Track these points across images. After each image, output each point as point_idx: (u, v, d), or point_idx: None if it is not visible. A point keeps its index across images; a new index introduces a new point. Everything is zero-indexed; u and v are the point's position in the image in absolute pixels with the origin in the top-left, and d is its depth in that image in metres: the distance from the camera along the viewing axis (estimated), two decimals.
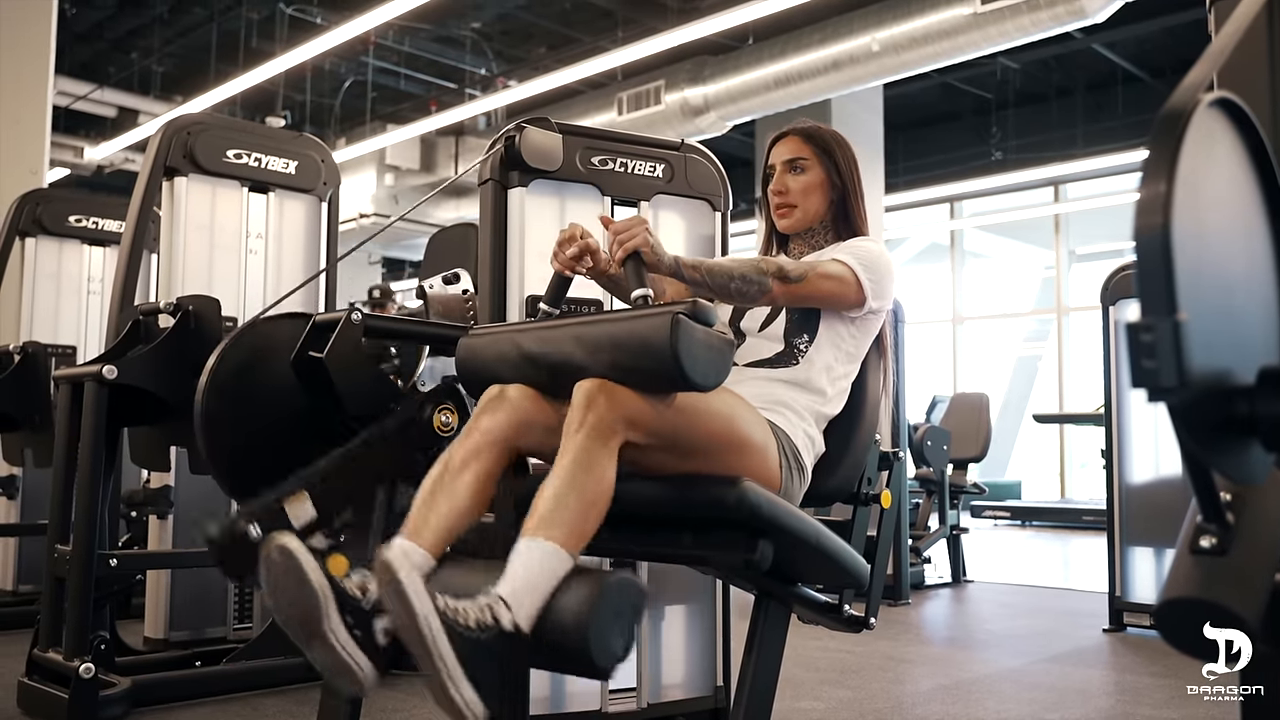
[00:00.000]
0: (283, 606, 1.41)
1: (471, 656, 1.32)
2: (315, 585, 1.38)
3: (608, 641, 1.36)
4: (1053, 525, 9.77)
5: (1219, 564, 0.98)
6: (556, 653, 1.40)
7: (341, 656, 1.39)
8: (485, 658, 1.33)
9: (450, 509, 1.57)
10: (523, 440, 1.64)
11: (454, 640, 1.32)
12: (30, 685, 2.65)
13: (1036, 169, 11.02)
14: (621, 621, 1.38)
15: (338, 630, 1.38)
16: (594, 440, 1.48)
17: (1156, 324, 0.81)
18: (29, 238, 4.27)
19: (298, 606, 1.39)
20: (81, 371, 2.68)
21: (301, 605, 1.38)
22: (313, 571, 1.39)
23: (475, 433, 1.62)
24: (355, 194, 11.31)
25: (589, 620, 1.35)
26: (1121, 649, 3.73)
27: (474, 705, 1.32)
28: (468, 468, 1.60)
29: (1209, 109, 0.92)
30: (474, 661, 1.32)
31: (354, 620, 1.40)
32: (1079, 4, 6.44)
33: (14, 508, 4.28)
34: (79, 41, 10.11)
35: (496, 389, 1.66)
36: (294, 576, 1.39)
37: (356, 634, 1.40)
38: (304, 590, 1.38)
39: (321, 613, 1.38)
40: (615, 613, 1.37)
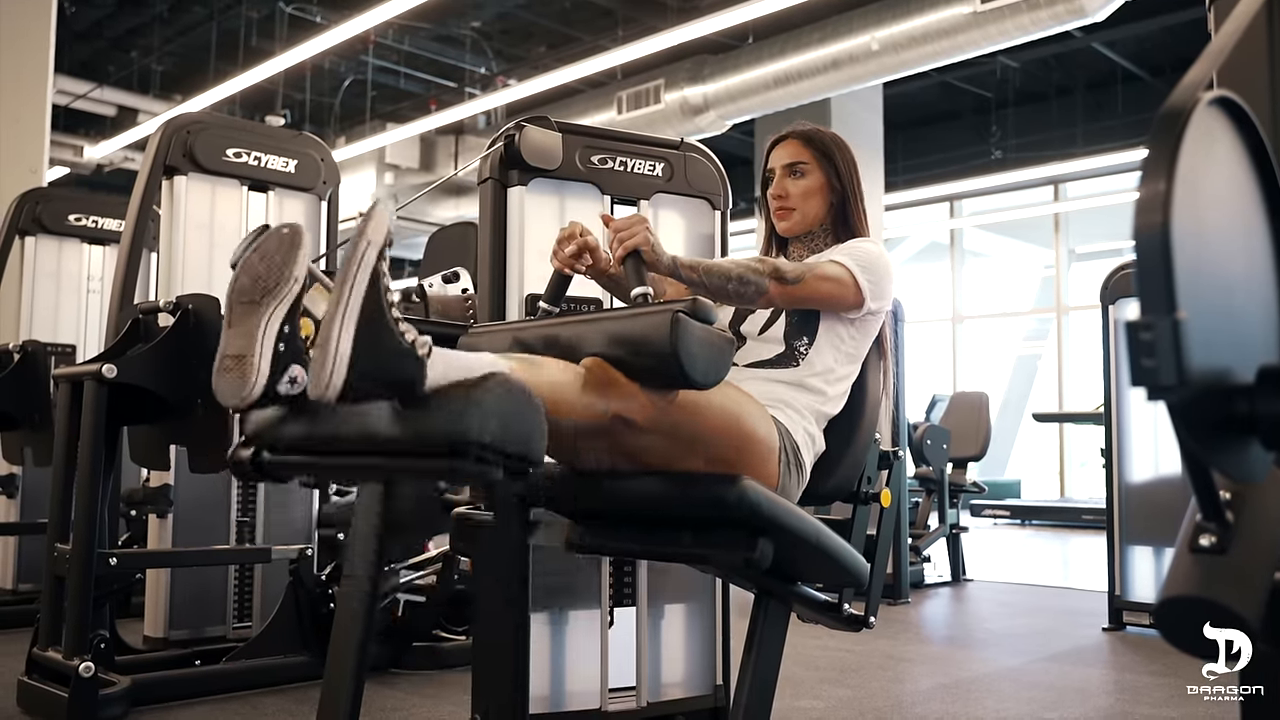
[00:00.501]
0: (250, 268, 1.35)
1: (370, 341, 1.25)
2: (296, 271, 1.33)
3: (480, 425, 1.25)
4: (1052, 524, 9.78)
5: (1218, 562, 0.98)
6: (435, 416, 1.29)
7: (255, 344, 1.31)
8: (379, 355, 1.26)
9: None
10: None
11: (370, 303, 1.25)
12: (30, 684, 2.65)
13: (1036, 168, 11.03)
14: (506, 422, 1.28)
15: (272, 323, 1.32)
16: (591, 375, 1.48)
17: (1156, 322, 0.81)
18: (29, 236, 4.27)
19: (264, 275, 1.33)
20: (81, 370, 2.68)
21: (268, 276, 1.33)
22: (303, 263, 1.34)
23: None
24: (355, 193, 11.30)
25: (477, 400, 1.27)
26: (1121, 648, 3.74)
27: (342, 358, 1.22)
28: None
29: (1208, 108, 0.92)
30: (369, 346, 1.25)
31: (287, 337, 1.33)
32: (1078, 3, 6.45)
33: (14, 506, 4.28)
34: (78, 40, 10.10)
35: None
36: (286, 250, 1.34)
37: (280, 346, 1.32)
38: (282, 267, 1.33)
39: (276, 296, 1.32)
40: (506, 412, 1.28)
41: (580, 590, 2.37)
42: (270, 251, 1.35)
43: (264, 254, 1.35)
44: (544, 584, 2.30)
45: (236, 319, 1.33)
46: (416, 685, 2.98)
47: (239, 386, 1.30)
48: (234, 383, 1.31)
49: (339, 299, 1.24)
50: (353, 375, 1.24)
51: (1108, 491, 4.16)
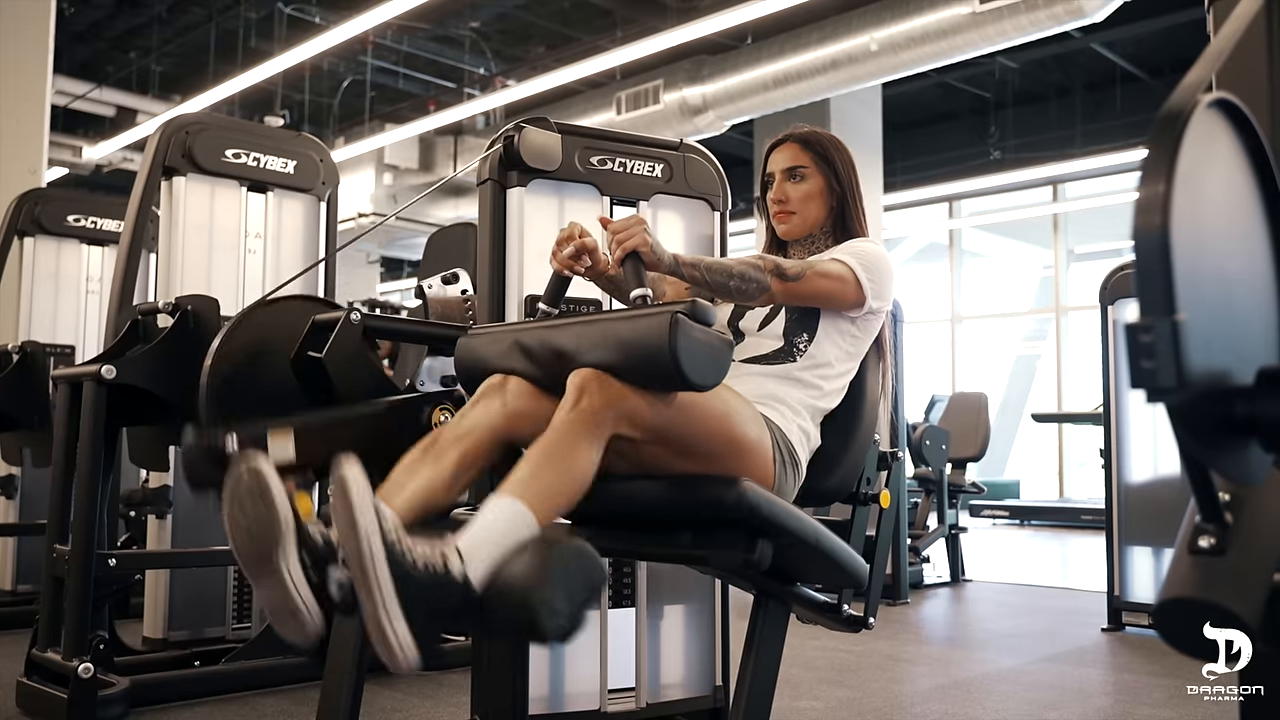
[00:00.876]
0: (240, 528, 1.35)
1: (416, 597, 1.26)
2: (279, 511, 1.32)
3: (555, 608, 1.29)
4: (1051, 524, 9.78)
5: (1217, 564, 0.98)
6: (503, 612, 1.34)
7: (291, 594, 1.32)
8: (430, 603, 1.27)
9: (429, 479, 1.53)
10: (516, 431, 1.62)
11: (397, 574, 1.26)
12: (29, 685, 2.65)
13: (1035, 168, 11.03)
14: (573, 589, 1.32)
15: (292, 566, 1.32)
16: (581, 424, 1.47)
17: (1155, 324, 0.81)
18: (27, 237, 4.27)
19: (256, 531, 1.33)
20: (80, 371, 2.68)
21: (261, 530, 1.32)
22: (279, 497, 1.32)
23: (469, 415, 1.62)
24: (354, 193, 11.31)
25: (539, 583, 1.29)
26: (1120, 648, 3.74)
27: (406, 643, 1.25)
28: (455, 445, 1.58)
29: (1208, 109, 0.92)
30: (417, 602, 1.26)
31: (310, 560, 1.33)
32: (1077, 3, 6.45)
33: (12, 507, 4.28)
34: (77, 41, 10.10)
35: (498, 377, 1.66)
36: (260, 498, 1.32)
37: (310, 576, 1.33)
38: (267, 514, 1.32)
39: (279, 542, 1.32)
40: (568, 579, 1.32)
41: None
42: (246, 502, 1.34)
43: (243, 508, 1.35)
44: None
45: (259, 574, 1.34)
46: (416, 686, 2.98)
47: (304, 633, 1.34)
48: (298, 632, 1.34)
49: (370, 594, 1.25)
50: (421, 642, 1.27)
51: (1107, 492, 4.16)
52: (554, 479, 1.44)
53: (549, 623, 1.29)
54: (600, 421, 1.49)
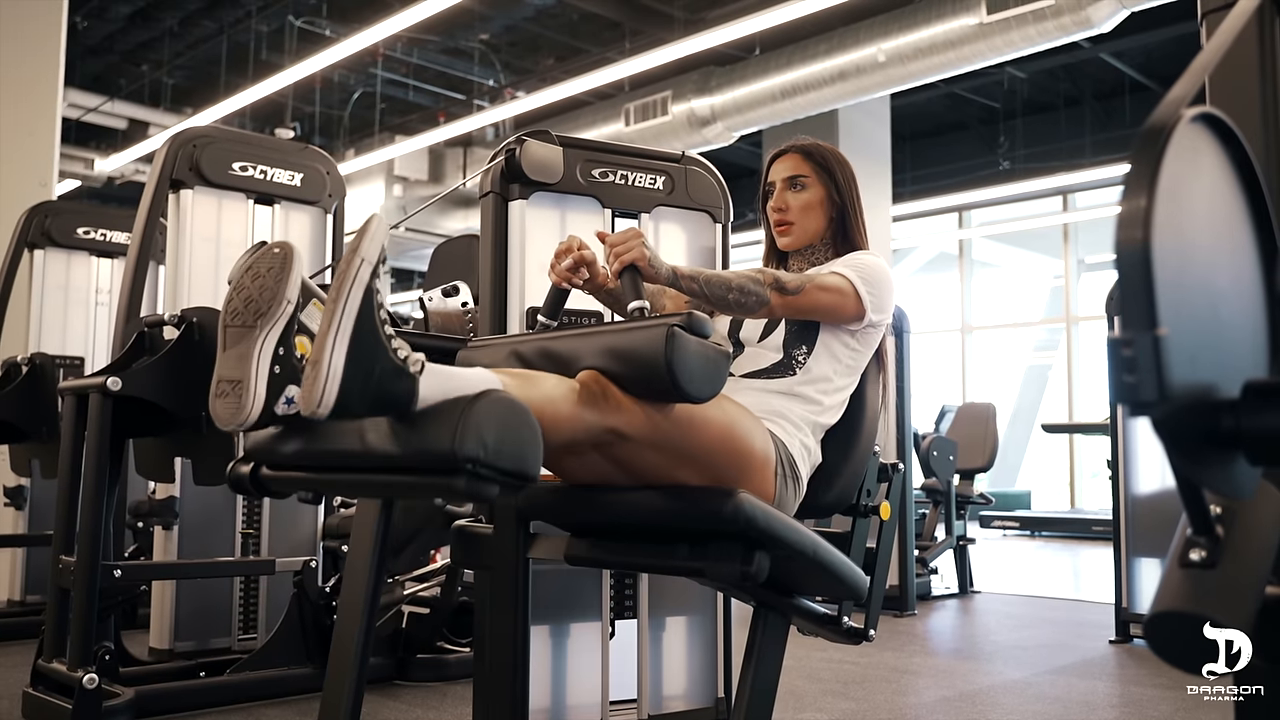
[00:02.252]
0: (242, 291, 1.35)
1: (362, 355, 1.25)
2: (286, 292, 1.33)
3: (479, 439, 1.26)
4: (1062, 535, 9.73)
5: (1208, 577, 0.98)
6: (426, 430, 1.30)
7: (251, 367, 1.32)
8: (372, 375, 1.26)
9: None
10: None
11: (363, 317, 1.25)
12: (35, 695, 2.66)
13: (1045, 178, 11.01)
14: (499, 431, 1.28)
15: (267, 345, 1.32)
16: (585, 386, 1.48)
17: (1137, 338, 0.82)
18: (38, 249, 4.30)
19: (256, 298, 1.33)
20: (86, 383, 2.69)
21: (260, 299, 1.33)
22: (294, 282, 1.33)
23: None
24: (364, 205, 11.35)
25: (467, 410, 1.27)
26: (1127, 660, 3.72)
27: (335, 373, 1.23)
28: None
29: (1192, 124, 0.92)
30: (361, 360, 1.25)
31: (282, 359, 1.34)
32: (1085, 14, 6.45)
33: (22, 518, 4.30)
34: (90, 54, 10.18)
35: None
36: (276, 274, 1.33)
37: (275, 368, 1.33)
38: (274, 289, 1.33)
39: (270, 318, 1.32)
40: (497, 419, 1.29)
41: (581, 603, 2.37)
42: (262, 272, 1.35)
43: (256, 274, 1.35)
44: (545, 596, 2.31)
45: (231, 341, 1.34)
46: (420, 697, 2.98)
47: (235, 411, 1.31)
48: (230, 407, 1.32)
49: (331, 316, 1.24)
50: (345, 393, 1.24)
51: (1114, 503, 4.14)
52: (540, 392, 1.43)
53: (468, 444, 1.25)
54: (599, 401, 1.48)
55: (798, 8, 6.89)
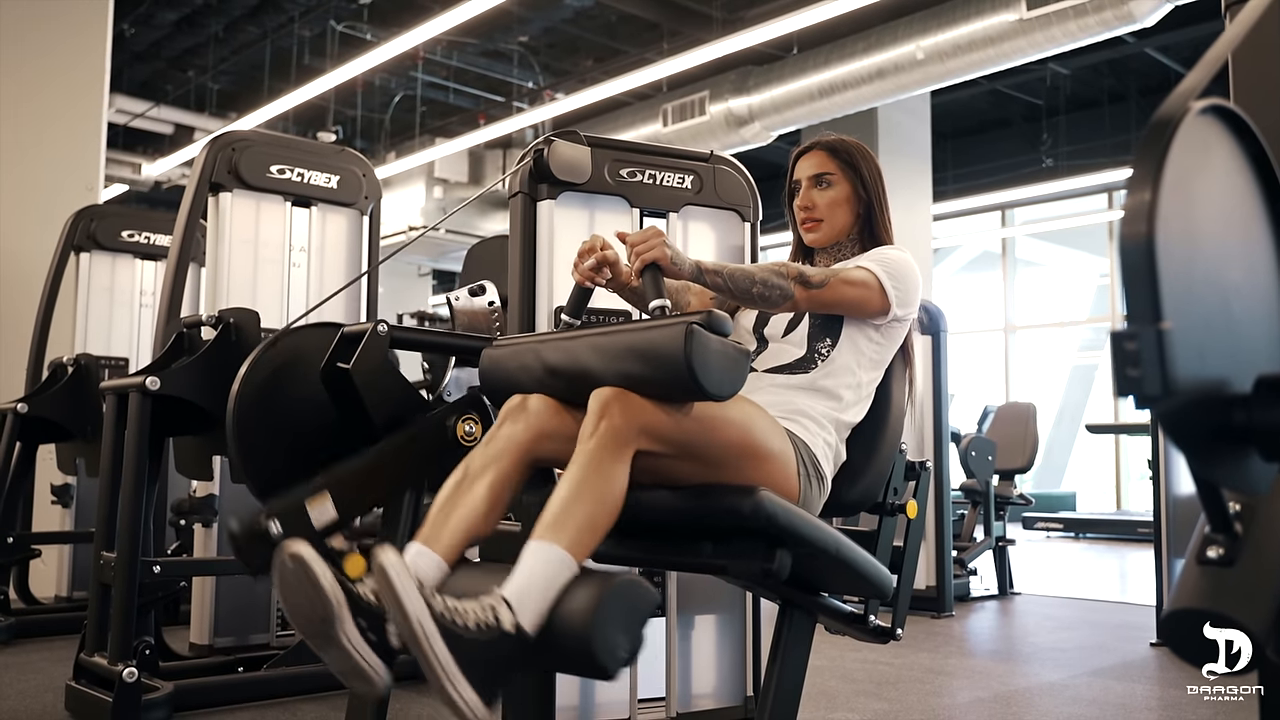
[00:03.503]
0: (297, 612, 1.44)
1: (475, 657, 1.33)
2: (328, 592, 1.39)
3: (612, 642, 1.36)
4: (1107, 537, 9.60)
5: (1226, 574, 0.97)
6: (562, 654, 1.41)
7: (356, 660, 1.40)
8: (489, 659, 1.34)
9: (467, 513, 1.58)
10: (543, 449, 1.65)
11: (452, 641, 1.33)
12: (77, 689, 2.72)
13: (1089, 175, 10.87)
14: (626, 621, 1.38)
15: (351, 635, 1.40)
16: (605, 447, 1.49)
17: (1140, 332, 0.81)
18: (84, 252, 4.38)
19: (312, 612, 1.41)
20: (126, 383, 2.74)
21: (315, 611, 1.40)
22: (325, 578, 1.40)
23: (495, 441, 1.64)
24: (404, 207, 11.45)
25: (593, 621, 1.35)
26: (1167, 663, 3.67)
27: (474, 706, 1.33)
28: (485, 473, 1.61)
29: (1202, 116, 0.91)
30: (477, 662, 1.33)
31: (368, 624, 1.41)
32: (1127, 8, 6.36)
33: (68, 516, 4.39)
34: (137, 60, 10.36)
35: (518, 398, 1.68)
36: (307, 584, 1.40)
37: (370, 637, 1.41)
38: (317, 597, 1.40)
39: (335, 618, 1.39)
40: (620, 613, 1.38)
41: None
42: (298, 592, 1.42)
43: (296, 597, 1.43)
44: None
45: (322, 648, 1.43)
46: None
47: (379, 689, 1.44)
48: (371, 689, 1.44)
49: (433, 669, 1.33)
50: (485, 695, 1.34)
51: (1155, 504, 4.08)
52: (586, 514, 1.48)
53: (608, 657, 1.36)
54: (624, 440, 1.51)
55: (835, 6, 6.86)
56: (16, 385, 4.32)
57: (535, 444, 1.65)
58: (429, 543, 1.55)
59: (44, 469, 4.25)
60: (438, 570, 1.53)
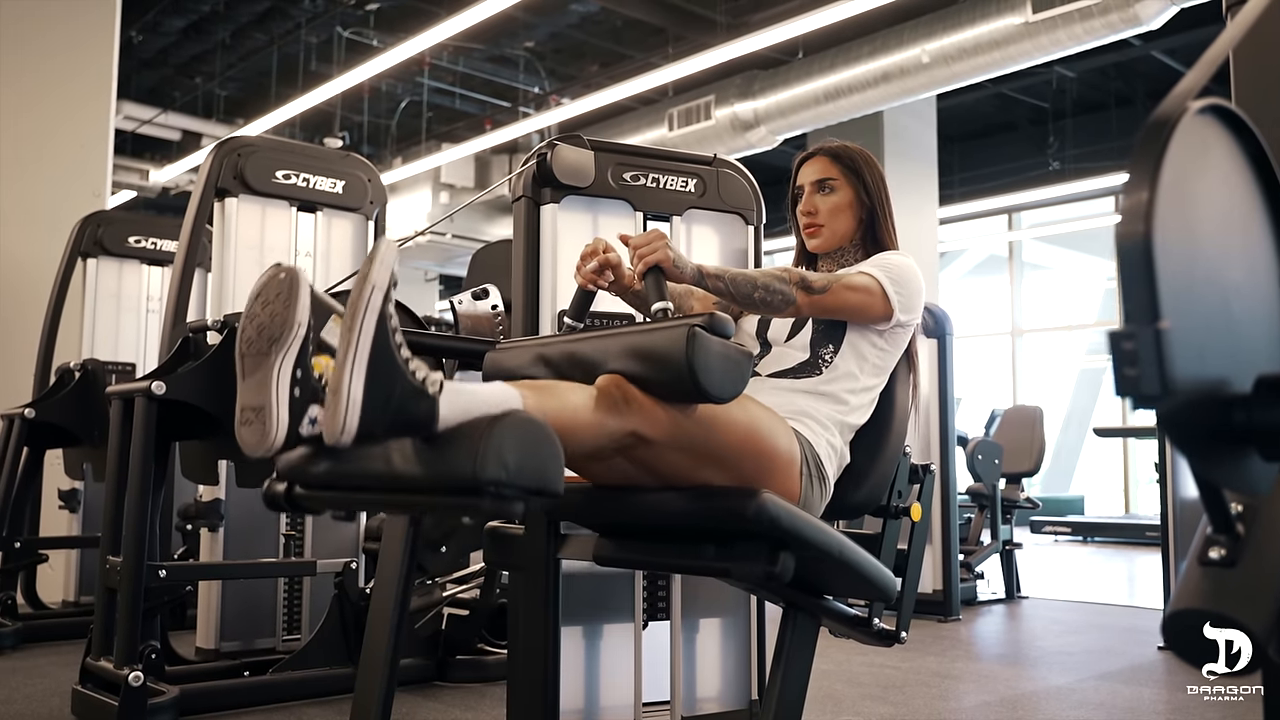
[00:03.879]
0: (254, 320, 1.37)
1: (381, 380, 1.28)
2: (297, 315, 1.33)
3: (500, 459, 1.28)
4: (1115, 541, 9.57)
5: (1227, 575, 0.97)
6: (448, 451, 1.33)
7: (271, 392, 1.32)
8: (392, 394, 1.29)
9: None
10: None
11: (379, 342, 1.28)
12: (83, 692, 2.72)
13: (1096, 178, 10.85)
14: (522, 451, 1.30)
15: (285, 368, 1.33)
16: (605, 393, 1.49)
17: (1138, 331, 0.81)
18: (91, 258, 4.40)
19: (268, 325, 1.34)
20: (131, 387, 2.75)
21: (273, 326, 1.34)
22: (304, 304, 1.34)
23: None
24: (411, 212, 11.47)
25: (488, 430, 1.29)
26: (1175, 667, 3.65)
27: (355, 401, 1.26)
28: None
29: (1200, 116, 0.91)
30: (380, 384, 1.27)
31: (300, 381, 1.34)
32: (1133, 11, 6.36)
33: (76, 521, 4.40)
34: (145, 67, 10.40)
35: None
36: (285, 298, 1.34)
37: (295, 392, 1.33)
38: (284, 313, 1.34)
39: (284, 342, 1.33)
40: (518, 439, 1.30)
41: (614, 604, 2.38)
42: (271, 298, 1.36)
43: (265, 301, 1.37)
44: (578, 597, 2.32)
45: (249, 369, 1.35)
46: (458, 698, 3.01)
47: (261, 437, 1.33)
48: (255, 434, 1.33)
49: (346, 345, 1.27)
50: (366, 419, 1.27)
51: (1162, 507, 4.07)
52: (560, 404, 1.45)
53: (490, 466, 1.27)
54: (619, 406, 1.50)
55: (840, 10, 6.87)
56: (24, 391, 4.33)
57: None
58: None
59: (51, 474, 4.27)
60: None
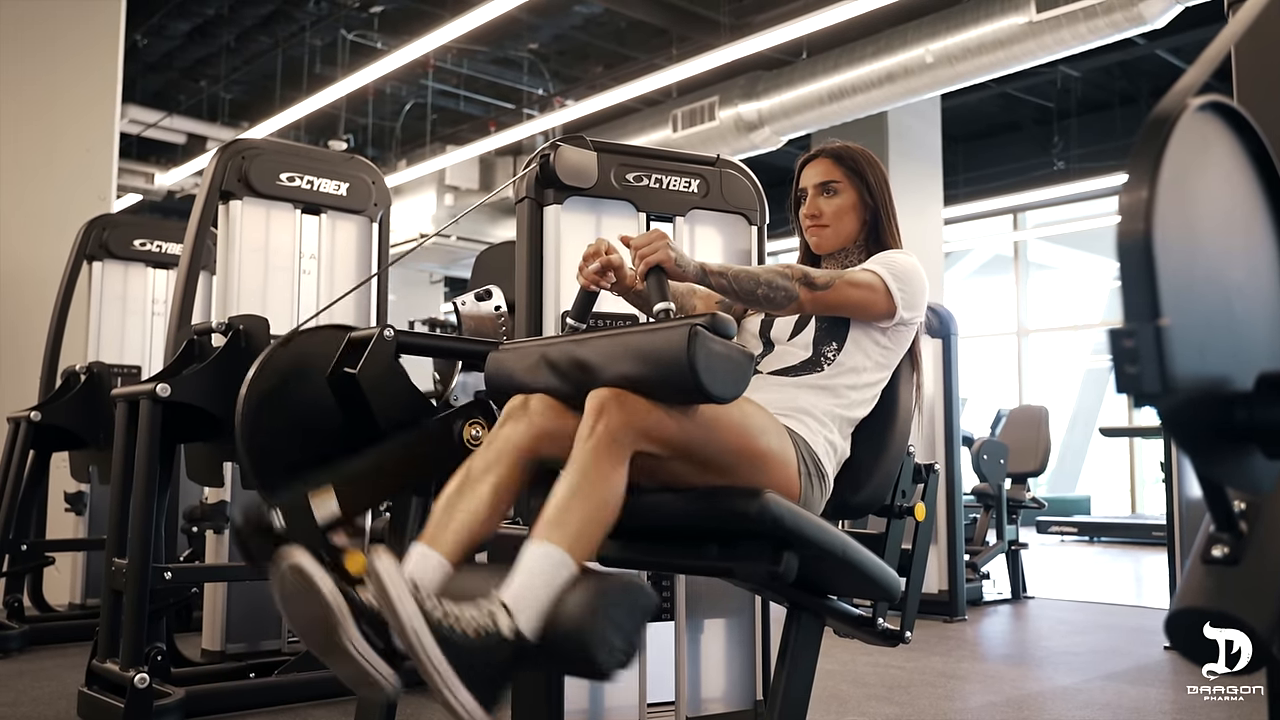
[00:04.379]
0: (299, 622, 1.43)
1: (473, 662, 1.33)
2: (329, 600, 1.38)
3: (610, 643, 1.36)
4: (1121, 541, 9.55)
5: (1231, 574, 0.97)
6: (560, 656, 1.41)
7: (362, 666, 1.39)
8: (488, 663, 1.34)
9: (469, 515, 1.58)
10: (544, 450, 1.65)
11: (448, 648, 1.32)
12: (89, 695, 2.73)
13: (1101, 178, 10.83)
14: (624, 623, 1.38)
15: (356, 641, 1.38)
16: (602, 449, 1.49)
17: (1138, 329, 0.81)
18: (96, 261, 4.41)
19: (315, 621, 1.40)
20: (137, 390, 2.76)
21: (318, 620, 1.39)
22: (325, 586, 1.39)
23: (496, 442, 1.65)
24: (415, 214, 11.49)
25: (592, 622, 1.36)
26: (1181, 667, 3.64)
27: (471, 708, 1.32)
28: (487, 475, 1.61)
29: (1200, 113, 0.91)
30: (475, 667, 1.33)
31: (372, 629, 1.39)
32: (1137, 10, 6.34)
33: (82, 523, 4.41)
34: (150, 71, 10.42)
35: (519, 399, 1.69)
36: (308, 593, 1.39)
37: (376, 643, 1.39)
38: (319, 606, 1.38)
39: (338, 626, 1.38)
40: (618, 615, 1.38)
41: None
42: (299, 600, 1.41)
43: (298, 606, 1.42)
44: None
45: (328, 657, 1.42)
46: None
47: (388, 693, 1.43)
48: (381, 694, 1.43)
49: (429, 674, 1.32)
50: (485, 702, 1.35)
51: (1168, 507, 4.07)
52: (584, 514, 1.48)
53: (606, 658, 1.36)
54: (620, 441, 1.51)
55: (844, 10, 6.86)
56: (30, 393, 4.34)
57: (536, 444, 1.65)
58: (432, 543, 1.55)
59: (57, 477, 4.28)
60: (440, 570, 1.52)
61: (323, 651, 1.42)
